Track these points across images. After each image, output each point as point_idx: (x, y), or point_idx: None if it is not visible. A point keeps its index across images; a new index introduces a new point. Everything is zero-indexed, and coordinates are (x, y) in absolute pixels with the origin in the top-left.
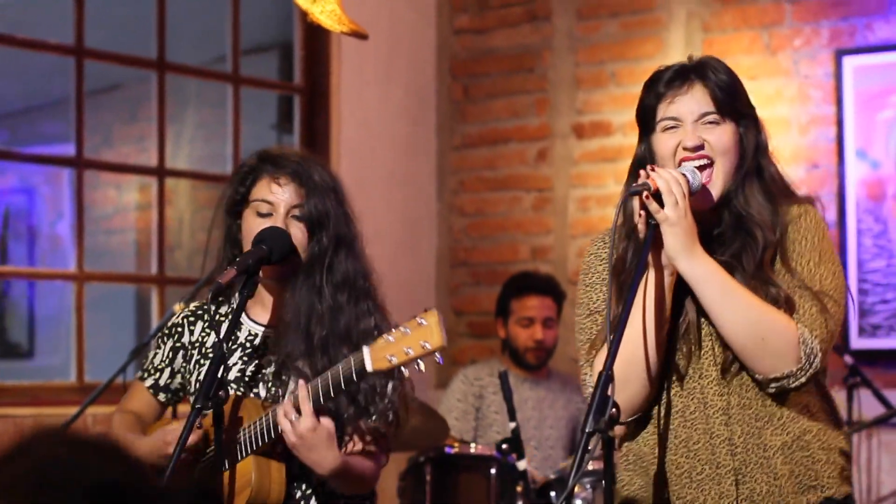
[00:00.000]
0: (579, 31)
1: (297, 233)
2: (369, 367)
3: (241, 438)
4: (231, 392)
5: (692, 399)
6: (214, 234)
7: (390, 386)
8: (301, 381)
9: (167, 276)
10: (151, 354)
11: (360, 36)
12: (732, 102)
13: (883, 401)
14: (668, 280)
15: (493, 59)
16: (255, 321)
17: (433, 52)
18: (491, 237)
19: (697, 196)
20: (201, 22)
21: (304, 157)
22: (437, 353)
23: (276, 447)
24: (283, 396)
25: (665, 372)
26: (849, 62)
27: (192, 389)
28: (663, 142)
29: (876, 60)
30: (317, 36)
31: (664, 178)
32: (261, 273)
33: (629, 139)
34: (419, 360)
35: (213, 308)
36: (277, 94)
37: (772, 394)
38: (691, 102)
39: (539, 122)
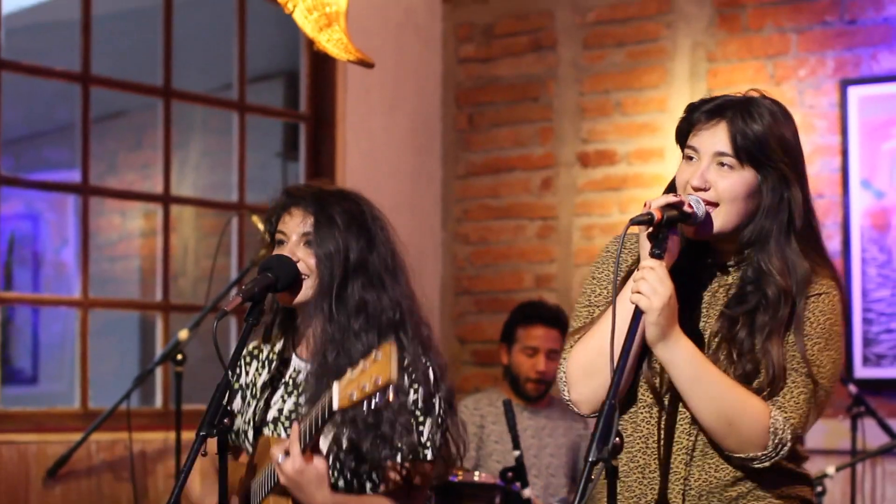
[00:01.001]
0: (584, 61)
1: (310, 260)
2: (335, 405)
3: (259, 480)
4: (267, 432)
5: (662, 430)
6: (220, 260)
7: (429, 422)
8: (295, 424)
9: (172, 303)
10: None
11: (366, 64)
12: (755, 150)
13: (887, 430)
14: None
15: (498, 88)
16: (301, 358)
17: (438, 81)
18: (495, 265)
19: (700, 226)
20: (207, 49)
21: (324, 189)
22: (388, 389)
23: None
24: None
25: (636, 394)
26: (854, 92)
27: (237, 428)
28: (680, 171)
29: (881, 91)
30: (323, 64)
31: (640, 286)
32: (277, 301)
33: (634, 168)
34: (376, 396)
35: (268, 347)
36: (283, 122)
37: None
38: (712, 139)
39: (543, 150)
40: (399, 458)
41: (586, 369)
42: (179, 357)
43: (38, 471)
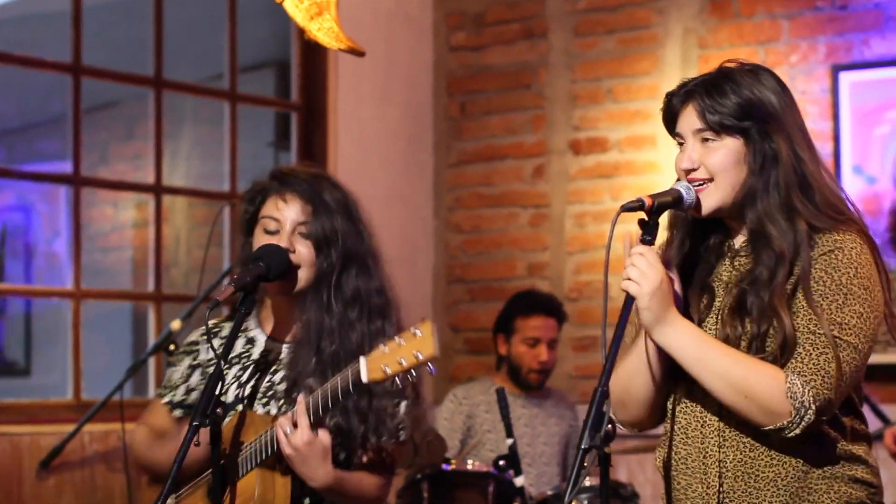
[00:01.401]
0: (575, 48)
1: (304, 250)
2: (364, 378)
3: (246, 453)
4: (239, 408)
5: (694, 417)
6: (212, 250)
7: (403, 405)
8: (300, 395)
9: (164, 293)
10: (169, 372)
11: (357, 53)
12: (727, 120)
13: (880, 415)
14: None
15: (490, 76)
16: (274, 338)
17: (430, 70)
18: (487, 254)
19: (694, 210)
20: (198, 39)
21: (315, 175)
22: (429, 364)
23: (281, 461)
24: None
25: (673, 389)
26: (845, 78)
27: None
28: (676, 159)
29: (872, 76)
30: (314, 53)
31: (629, 272)
32: (266, 290)
33: (626, 155)
34: (412, 370)
35: (229, 325)
36: (274, 111)
37: (774, 445)
38: (688, 120)
39: (535, 138)
40: (379, 439)
41: (620, 398)
42: (172, 347)
43: (31, 462)
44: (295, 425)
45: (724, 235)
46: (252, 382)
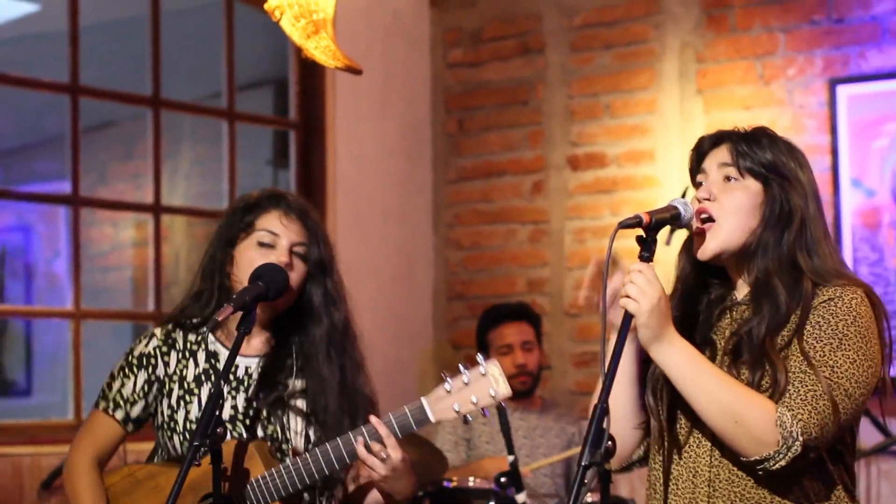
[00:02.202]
0: (573, 64)
1: (297, 271)
2: (431, 417)
3: (267, 483)
4: (228, 435)
5: (685, 468)
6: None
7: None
8: (374, 418)
9: (164, 312)
10: (117, 385)
11: (355, 71)
12: (756, 164)
13: (881, 429)
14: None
15: (487, 92)
16: (243, 354)
17: (427, 87)
18: (487, 270)
19: (695, 241)
20: (196, 58)
21: (309, 204)
22: (503, 401)
23: (300, 493)
24: (283, 434)
25: (663, 440)
26: (843, 91)
27: (181, 427)
28: (694, 198)
29: (870, 89)
30: (311, 71)
31: (627, 289)
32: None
33: (624, 170)
34: (485, 409)
35: (182, 335)
36: (273, 129)
37: (764, 476)
38: (717, 156)
39: (534, 154)
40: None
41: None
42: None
43: (32, 483)
44: (386, 446)
45: (726, 290)
46: (230, 402)
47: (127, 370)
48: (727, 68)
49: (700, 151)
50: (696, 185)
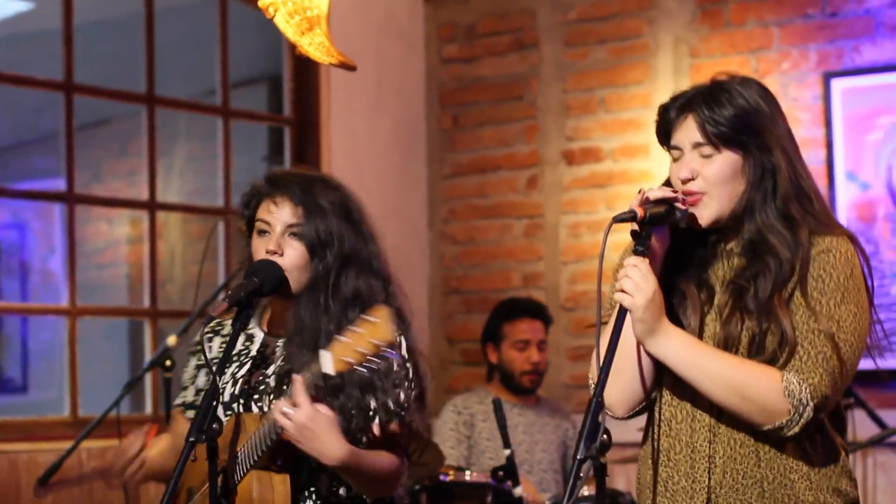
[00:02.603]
0: (567, 59)
1: (293, 252)
2: (329, 370)
3: (241, 456)
4: (230, 413)
5: (681, 410)
6: (207, 265)
7: (401, 391)
8: (295, 376)
9: (159, 309)
10: (182, 375)
11: (349, 67)
12: (727, 133)
13: (878, 421)
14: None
15: (482, 87)
16: (268, 332)
17: (422, 82)
18: (482, 265)
19: (686, 220)
20: (190, 56)
21: (309, 177)
22: (388, 349)
23: (275, 460)
24: None
25: (660, 378)
26: (837, 85)
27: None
28: (671, 170)
29: (864, 82)
30: (306, 68)
31: (623, 284)
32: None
33: (619, 165)
34: (374, 358)
35: (230, 322)
36: (267, 126)
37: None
38: (687, 132)
39: (528, 149)
40: (379, 420)
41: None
42: (168, 363)
43: (28, 480)
44: (294, 406)
45: (718, 238)
46: (247, 378)
47: (187, 361)
48: (721, 63)
49: (667, 120)
50: (672, 157)
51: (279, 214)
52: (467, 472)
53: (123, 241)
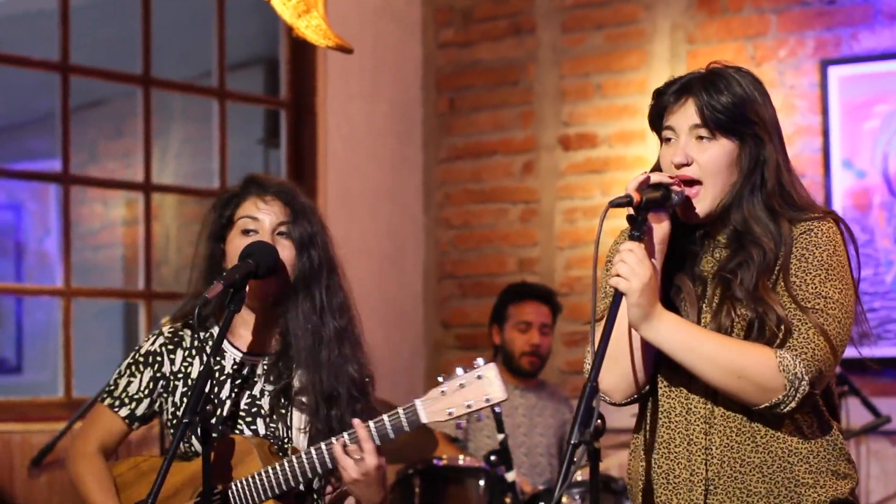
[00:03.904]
0: (564, 44)
1: (284, 251)
2: (424, 420)
3: (257, 482)
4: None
5: (678, 402)
6: (200, 249)
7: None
8: (357, 422)
9: (154, 290)
10: (123, 382)
11: (346, 50)
12: (726, 120)
13: (871, 409)
14: (658, 260)
15: (478, 72)
16: (237, 348)
17: (418, 66)
18: (478, 249)
19: (681, 208)
20: (186, 37)
21: (290, 183)
22: (497, 406)
23: (292, 492)
24: (287, 432)
25: (656, 371)
26: (834, 72)
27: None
28: (663, 154)
29: (861, 70)
30: (302, 51)
31: (619, 269)
32: (247, 290)
33: (615, 150)
34: (479, 413)
35: (190, 334)
36: (263, 108)
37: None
38: (684, 115)
39: (525, 134)
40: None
41: (608, 356)
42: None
43: (22, 460)
44: (362, 450)
45: (705, 231)
46: (232, 399)
47: (133, 368)
48: (718, 49)
49: (661, 104)
50: (663, 139)
51: (269, 212)
52: (461, 457)
53: (118, 222)
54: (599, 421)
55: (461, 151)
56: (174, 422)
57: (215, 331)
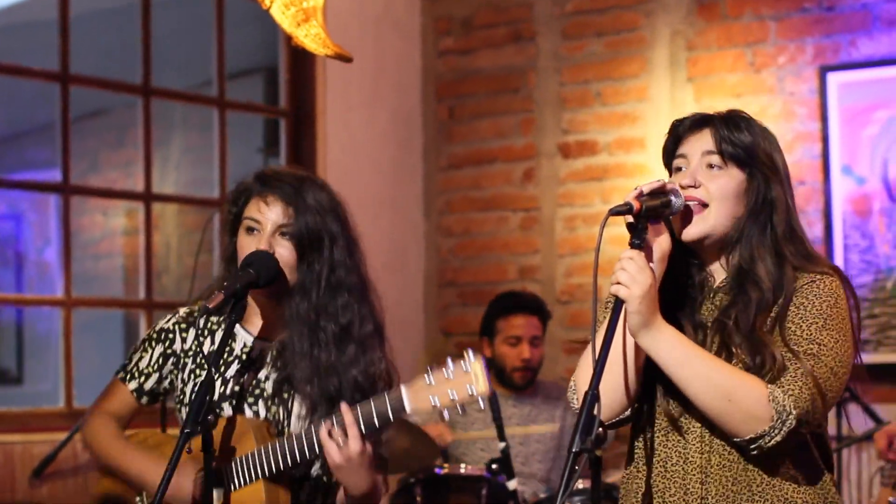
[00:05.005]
0: (564, 51)
1: (284, 252)
2: (408, 408)
3: (247, 461)
4: (226, 411)
5: (675, 452)
6: (203, 257)
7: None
8: (344, 405)
9: (155, 300)
10: (136, 356)
11: (345, 59)
12: (740, 152)
13: (872, 415)
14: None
15: (479, 79)
16: (249, 331)
17: (418, 74)
18: (478, 257)
19: (679, 216)
20: (186, 47)
21: (300, 177)
22: (481, 399)
23: (285, 474)
24: (287, 418)
25: (651, 418)
26: (833, 79)
27: (187, 400)
28: (674, 178)
29: (860, 76)
30: (302, 59)
31: (619, 276)
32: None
33: (615, 158)
34: (462, 406)
35: (204, 317)
36: (263, 117)
37: (755, 459)
38: (699, 142)
39: (525, 141)
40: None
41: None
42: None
43: (23, 471)
44: (346, 434)
45: (703, 275)
46: (239, 381)
47: (147, 344)
48: (718, 56)
49: (677, 134)
50: (674, 169)
51: (270, 214)
52: (462, 466)
53: (119, 232)
54: (601, 429)
55: (461, 159)
56: (180, 397)
57: (238, 331)
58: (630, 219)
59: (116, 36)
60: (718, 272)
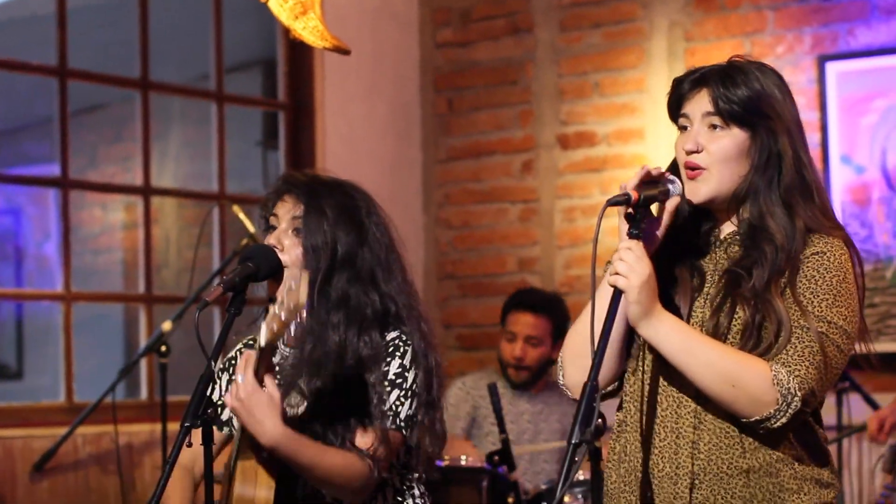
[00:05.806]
0: (562, 43)
1: (294, 250)
2: (262, 343)
3: (232, 450)
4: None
5: (667, 397)
6: (202, 251)
7: (395, 393)
8: (246, 351)
9: (155, 294)
10: (210, 391)
11: (343, 51)
12: (739, 111)
13: (872, 404)
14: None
15: (477, 71)
16: (285, 345)
17: (416, 67)
18: (478, 249)
19: (680, 193)
20: (184, 40)
21: (315, 178)
22: (301, 312)
23: (261, 450)
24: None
25: (643, 363)
26: (831, 68)
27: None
28: (677, 142)
29: (858, 66)
30: (300, 52)
31: (617, 266)
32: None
33: (614, 149)
34: (292, 322)
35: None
36: (262, 110)
37: (750, 433)
38: (699, 103)
39: (523, 133)
40: (361, 420)
41: (575, 353)
42: (163, 349)
43: (24, 465)
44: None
45: (711, 225)
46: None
47: (217, 375)
48: (716, 47)
49: (679, 93)
50: (679, 127)
51: (283, 211)
52: (463, 457)
53: (118, 226)
54: (600, 420)
55: (460, 151)
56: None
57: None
58: (629, 209)
59: (114, 30)
60: (728, 226)
